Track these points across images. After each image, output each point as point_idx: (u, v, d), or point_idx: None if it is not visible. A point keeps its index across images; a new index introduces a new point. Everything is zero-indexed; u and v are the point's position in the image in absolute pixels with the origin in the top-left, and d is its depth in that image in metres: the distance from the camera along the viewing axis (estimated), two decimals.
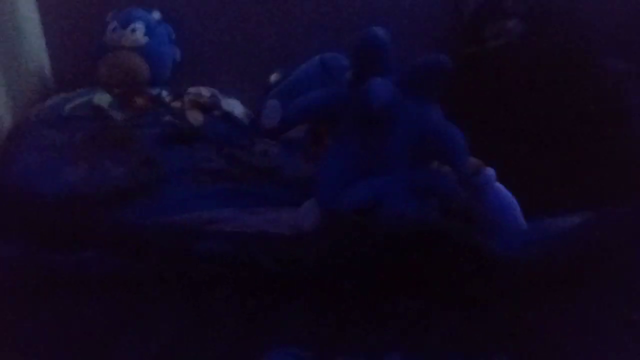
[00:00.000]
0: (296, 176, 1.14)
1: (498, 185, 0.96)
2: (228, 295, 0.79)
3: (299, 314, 0.78)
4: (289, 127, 1.32)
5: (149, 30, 1.48)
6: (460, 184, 0.89)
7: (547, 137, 1.18)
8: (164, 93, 1.45)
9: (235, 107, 1.51)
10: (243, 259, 0.79)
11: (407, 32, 1.60)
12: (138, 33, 1.47)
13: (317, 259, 0.78)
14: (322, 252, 0.78)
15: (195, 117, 1.39)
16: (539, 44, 1.43)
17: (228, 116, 1.43)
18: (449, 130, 0.89)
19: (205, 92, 1.49)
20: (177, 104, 1.42)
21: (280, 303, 0.78)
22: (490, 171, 0.97)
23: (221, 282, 0.80)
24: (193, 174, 1.14)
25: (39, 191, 1.07)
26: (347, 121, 0.91)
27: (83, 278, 0.81)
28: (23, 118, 1.30)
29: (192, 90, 1.49)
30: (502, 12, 1.50)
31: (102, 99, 1.37)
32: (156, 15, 1.52)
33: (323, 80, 1.47)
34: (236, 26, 1.64)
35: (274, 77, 1.54)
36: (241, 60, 1.64)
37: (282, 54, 1.63)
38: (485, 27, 1.51)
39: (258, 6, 1.64)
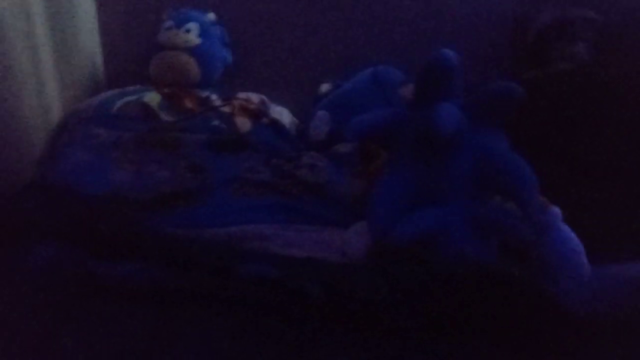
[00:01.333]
0: (343, 194, 1.09)
1: (563, 225, 0.89)
2: (271, 320, 0.75)
3: (344, 346, 0.73)
4: (340, 140, 1.27)
5: (203, 32, 1.45)
6: (524, 222, 0.82)
7: (614, 174, 1.10)
8: (213, 96, 1.42)
9: (283, 115, 1.47)
10: (290, 285, 0.74)
11: (467, 52, 1.54)
12: (192, 33, 1.44)
13: (366, 292, 0.72)
14: (372, 285, 0.73)
15: (243, 123, 1.35)
16: (607, 70, 1.35)
17: (276, 124, 1.39)
18: (517, 163, 0.82)
19: (254, 98, 1.46)
20: (225, 109, 1.38)
21: (325, 334, 0.73)
22: (556, 210, 0.90)
23: (265, 306, 0.75)
24: (238, 184, 1.10)
25: (83, 191, 1.04)
26: (407, 145, 0.85)
27: (124, 289, 0.77)
28: (71, 114, 1.28)
29: (241, 95, 1.45)
30: (570, 35, 1.43)
31: (152, 98, 1.34)
32: (211, 16, 1.49)
33: (375, 94, 1.42)
34: (290, 32, 1.60)
35: (324, 88, 1.49)
36: (292, 67, 1.60)
37: (334, 64, 1.59)
38: (551, 49, 1.44)
39: (313, 13, 1.59)
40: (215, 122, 1.32)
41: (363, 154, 1.13)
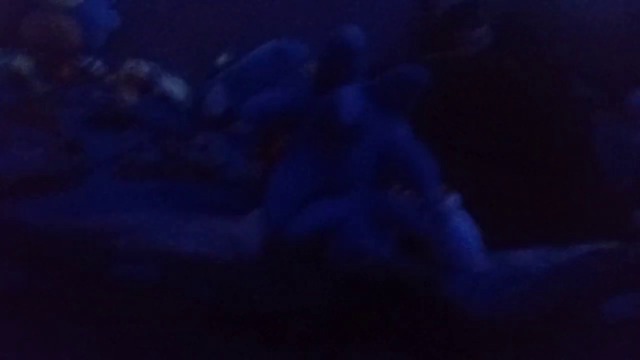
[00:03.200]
0: (239, 177, 1.00)
1: (461, 212, 0.87)
2: (151, 326, 0.66)
3: (235, 353, 0.65)
4: (239, 117, 1.18)
5: None
6: (422, 212, 0.79)
7: (515, 161, 1.10)
8: (97, 63, 1.27)
9: (177, 87, 1.34)
10: (170, 288, 0.65)
11: (372, 31, 1.49)
12: None
13: (259, 294, 0.65)
14: (266, 286, 0.66)
15: (130, 95, 1.21)
16: (507, 56, 1.35)
17: (167, 97, 1.26)
18: (418, 151, 0.77)
19: (144, 67, 1.31)
20: (110, 78, 1.23)
21: (213, 339, 0.65)
22: (454, 197, 0.87)
23: (143, 310, 0.66)
24: (120, 166, 0.98)
25: None
26: (307, 129, 0.78)
27: None
28: None
29: (129, 63, 1.30)
30: (474, 19, 1.41)
31: (23, 64, 1.17)
32: None
33: (277, 69, 1.33)
34: None
35: (222, 59, 1.38)
36: (189, 34, 1.46)
37: (235, 33, 1.47)
38: (454, 32, 1.41)
39: None
40: (97, 94, 1.18)
41: (264, 133, 1.04)
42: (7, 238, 0.76)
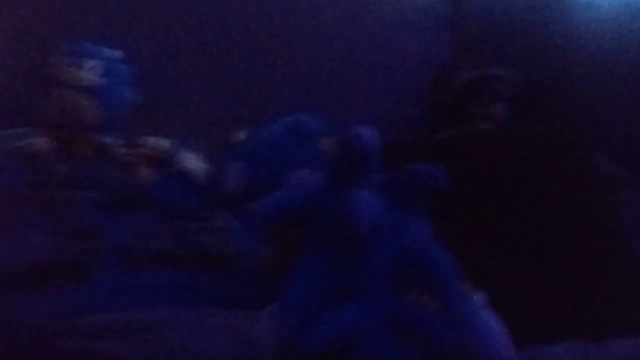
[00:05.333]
0: (254, 266, 0.96)
1: (487, 313, 0.81)
2: None
3: None
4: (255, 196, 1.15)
5: (106, 70, 1.28)
6: (443, 316, 0.74)
7: (532, 246, 1.04)
8: (113, 142, 1.25)
9: (194, 163, 1.32)
10: None
11: (384, 107, 1.48)
12: (93, 72, 1.26)
13: None
14: None
15: (145, 174, 1.19)
16: (525, 132, 1.32)
17: (184, 175, 1.24)
18: (436, 254, 0.73)
19: (162, 144, 1.30)
20: (127, 156, 1.22)
21: None
22: (480, 296, 0.82)
23: None
24: (133, 254, 0.94)
25: None
26: (322, 230, 0.74)
27: None
28: None
29: (147, 141, 1.29)
30: (488, 94, 1.39)
31: (38, 142, 1.16)
32: (116, 53, 1.33)
33: (294, 146, 1.31)
34: (205, 73, 1.46)
35: (239, 135, 1.36)
36: (207, 111, 1.46)
37: (252, 109, 1.46)
38: (469, 109, 1.39)
39: (231, 53, 1.47)
40: (113, 174, 1.16)
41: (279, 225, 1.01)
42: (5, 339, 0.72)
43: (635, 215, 1.16)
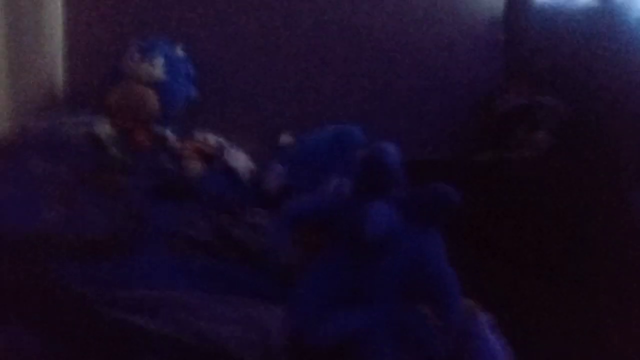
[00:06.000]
0: (281, 263, 1.03)
1: (490, 334, 0.85)
2: None
3: None
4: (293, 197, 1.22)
5: (169, 67, 1.39)
6: (447, 331, 0.78)
7: (561, 274, 1.06)
8: (170, 134, 1.36)
9: (239, 160, 1.41)
10: None
11: (430, 124, 1.52)
12: (157, 67, 1.37)
13: None
14: None
15: (195, 167, 1.29)
16: (566, 162, 1.33)
17: (229, 171, 1.33)
18: (443, 272, 0.77)
19: (212, 139, 1.40)
20: (180, 148, 1.32)
21: None
22: (485, 317, 0.85)
23: None
24: (173, 239, 1.03)
25: (9, 228, 0.97)
26: (341, 237, 0.80)
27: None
28: (12, 137, 1.20)
29: (198, 136, 1.39)
30: (532, 122, 1.41)
31: (103, 130, 1.27)
32: (179, 51, 1.44)
33: (335, 155, 1.37)
34: (260, 76, 1.55)
35: (284, 139, 1.44)
36: (258, 112, 1.55)
37: (301, 113, 1.54)
38: (512, 134, 1.41)
39: (286, 61, 1.55)
40: (165, 164, 1.26)
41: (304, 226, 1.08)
42: (49, 301, 0.82)
43: None
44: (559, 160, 1.35)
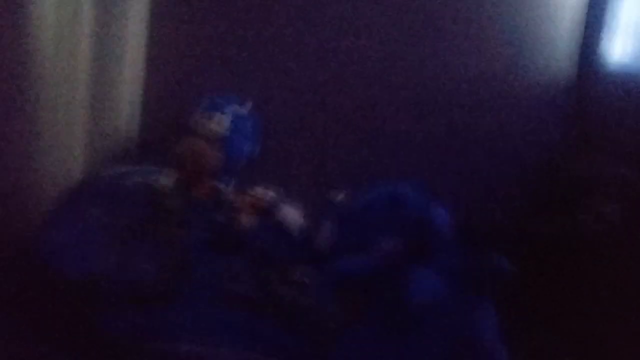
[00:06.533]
0: (323, 325, 1.01)
1: None
2: None
3: None
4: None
5: (234, 123, 1.44)
6: None
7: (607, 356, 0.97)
8: (226, 187, 1.40)
9: (292, 216, 1.42)
10: None
11: (493, 189, 1.47)
12: (222, 124, 1.43)
13: None
14: None
15: (247, 221, 1.32)
16: (636, 239, 1.23)
17: (280, 227, 1.35)
18: (492, 346, 0.73)
19: (268, 194, 1.42)
20: (234, 201, 1.36)
21: None
22: None
23: None
24: (217, 292, 1.05)
25: (64, 272, 1.02)
26: (381, 300, 0.78)
27: None
28: (81, 185, 1.28)
29: (256, 190, 1.42)
30: (602, 193, 1.32)
31: (163, 182, 1.33)
32: (245, 108, 1.49)
33: (386, 213, 1.35)
34: (317, 133, 1.58)
35: (338, 196, 1.44)
36: (312, 168, 1.57)
37: (355, 173, 1.55)
38: (581, 204, 1.33)
39: (346, 117, 1.57)
40: (219, 217, 1.29)
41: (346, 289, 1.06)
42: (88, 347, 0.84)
43: None
44: (631, 234, 1.26)
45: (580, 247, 1.22)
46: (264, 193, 1.41)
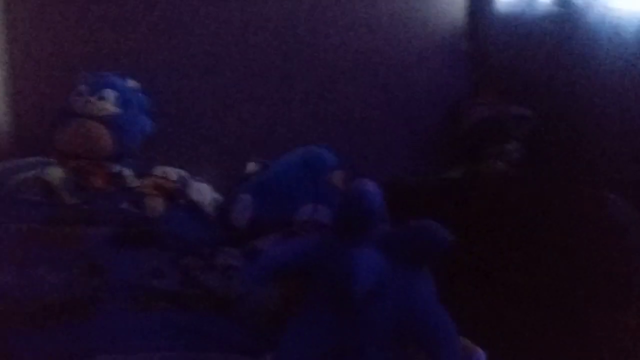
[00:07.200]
0: (256, 311, 0.97)
1: None
2: None
3: None
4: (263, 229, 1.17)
5: (121, 100, 1.31)
6: None
7: (540, 297, 1.03)
8: (127, 171, 1.28)
9: (203, 192, 1.33)
10: None
11: (396, 141, 1.48)
12: (108, 101, 1.29)
13: None
14: None
15: (155, 206, 1.21)
16: (539, 173, 1.31)
17: (193, 207, 1.26)
18: (438, 317, 0.73)
19: (172, 173, 1.32)
20: (138, 186, 1.24)
21: None
22: (480, 356, 0.81)
23: None
24: (138, 292, 0.96)
25: None
26: (323, 286, 0.75)
27: None
28: None
29: (158, 171, 1.31)
30: (502, 134, 1.38)
31: (55, 174, 1.18)
32: (132, 83, 1.36)
33: (304, 179, 1.31)
34: (219, 100, 1.49)
35: (250, 167, 1.38)
36: (219, 139, 1.47)
37: (264, 139, 1.48)
38: (483, 146, 1.38)
39: (245, 85, 1.49)
40: (124, 205, 1.18)
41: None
42: None
43: None
44: (532, 171, 1.33)
45: (488, 187, 1.26)
46: (170, 173, 1.31)
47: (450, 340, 0.73)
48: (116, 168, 1.26)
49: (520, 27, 1.49)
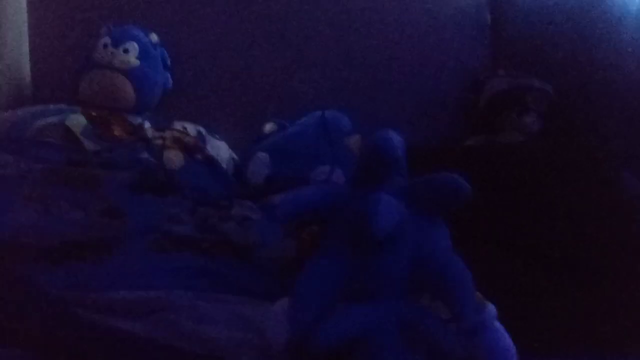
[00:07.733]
0: (272, 258, 0.99)
1: (497, 325, 0.82)
2: None
3: None
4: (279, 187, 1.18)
5: (143, 53, 1.31)
6: (453, 326, 0.75)
7: (552, 263, 1.04)
8: (147, 124, 1.29)
9: (221, 150, 1.35)
10: None
11: (416, 109, 1.48)
12: (130, 54, 1.30)
13: None
14: None
15: (174, 159, 1.23)
16: (556, 146, 1.31)
17: (211, 162, 1.28)
18: (454, 265, 0.74)
19: (191, 129, 1.33)
20: (158, 139, 1.26)
21: None
22: (491, 308, 0.83)
23: None
24: (156, 236, 0.97)
25: None
26: (341, 230, 0.76)
27: None
28: None
29: (177, 125, 1.33)
30: (522, 105, 1.38)
31: (76, 121, 1.20)
32: (153, 37, 1.36)
33: (320, 141, 1.32)
34: (239, 60, 1.49)
35: (268, 127, 1.38)
36: (237, 98, 1.48)
37: (283, 100, 1.49)
38: (501, 117, 1.39)
39: (266, 46, 1.49)
40: (144, 155, 1.20)
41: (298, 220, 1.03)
42: (27, 309, 0.76)
43: None
44: (548, 143, 1.34)
45: (505, 157, 1.27)
46: (189, 128, 1.32)
47: (466, 290, 0.74)
48: (137, 120, 1.28)
49: (542, 0, 1.48)
